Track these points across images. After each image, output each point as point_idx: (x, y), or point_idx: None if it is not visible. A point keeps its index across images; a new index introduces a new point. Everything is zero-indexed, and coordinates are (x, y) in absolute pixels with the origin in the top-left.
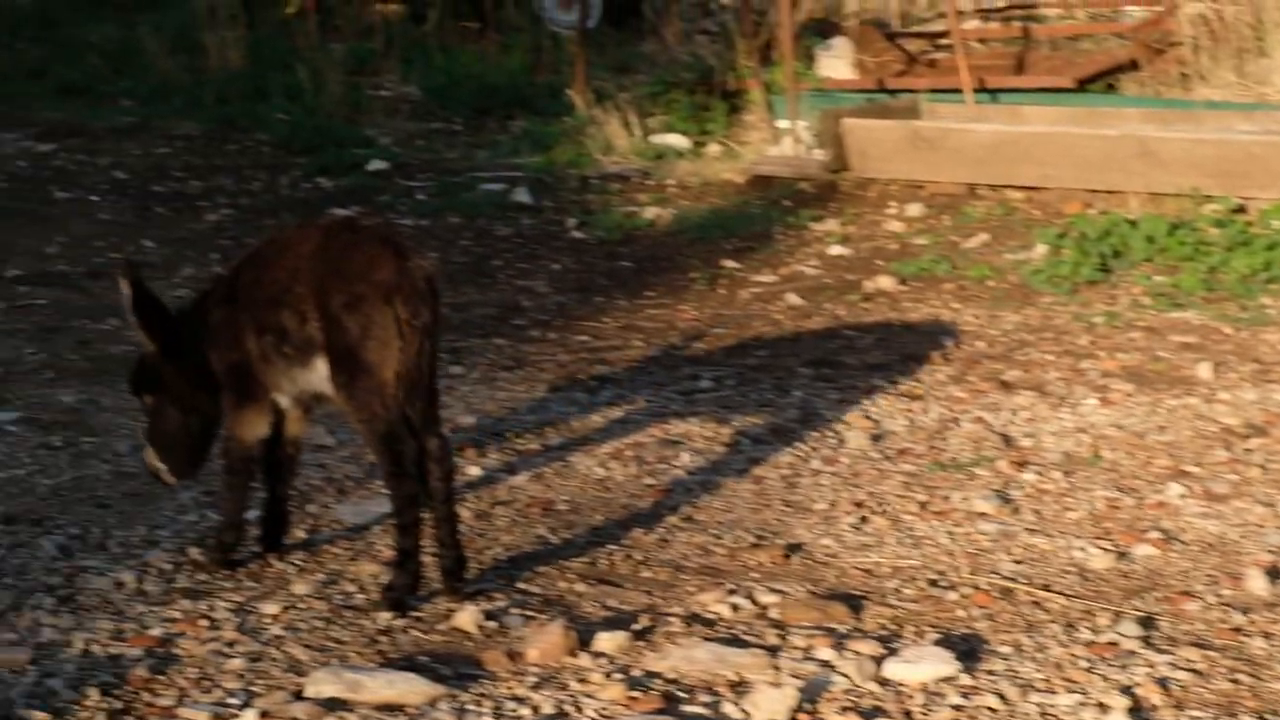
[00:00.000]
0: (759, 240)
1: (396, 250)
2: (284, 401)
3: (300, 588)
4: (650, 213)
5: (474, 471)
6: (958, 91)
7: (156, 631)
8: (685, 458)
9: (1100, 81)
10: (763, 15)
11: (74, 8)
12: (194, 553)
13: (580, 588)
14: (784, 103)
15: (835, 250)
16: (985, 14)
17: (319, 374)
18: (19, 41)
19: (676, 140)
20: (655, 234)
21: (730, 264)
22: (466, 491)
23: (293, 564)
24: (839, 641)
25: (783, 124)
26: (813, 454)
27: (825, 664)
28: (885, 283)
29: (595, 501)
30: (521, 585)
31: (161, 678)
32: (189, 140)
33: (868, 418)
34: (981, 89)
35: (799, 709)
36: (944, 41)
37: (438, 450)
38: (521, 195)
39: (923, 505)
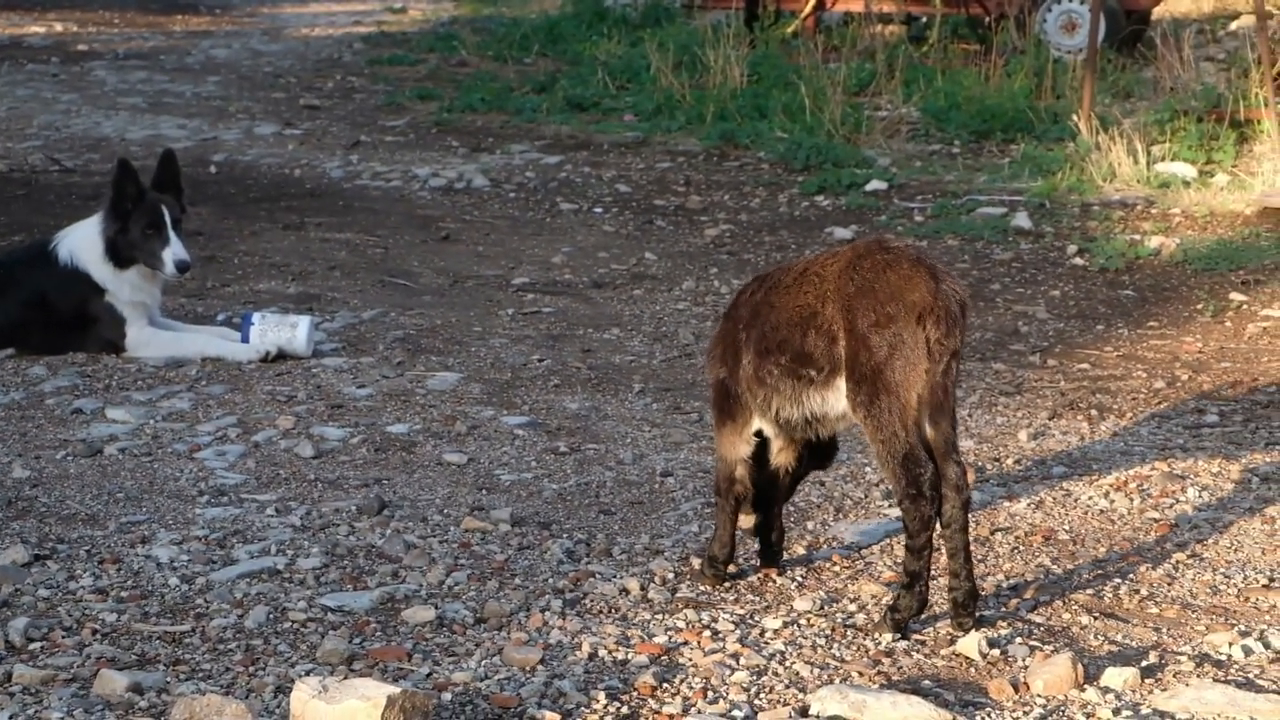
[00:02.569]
0: (1268, 273)
1: (930, 271)
2: (767, 429)
3: (801, 604)
4: (1154, 241)
5: (975, 496)
6: None
7: (661, 640)
8: (1191, 493)
9: None
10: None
11: (581, 24)
12: (694, 563)
13: (1085, 620)
14: None
15: None
16: None
17: (838, 394)
18: (527, 56)
19: (1181, 169)
20: (1159, 263)
21: (1237, 296)
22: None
23: (793, 579)
24: None
25: None
26: None
27: None
28: None
29: (1098, 533)
30: (1025, 615)
31: (667, 686)
32: (689, 156)
33: None
34: None
35: None
36: None
37: (957, 477)
38: (1021, 220)
39: None
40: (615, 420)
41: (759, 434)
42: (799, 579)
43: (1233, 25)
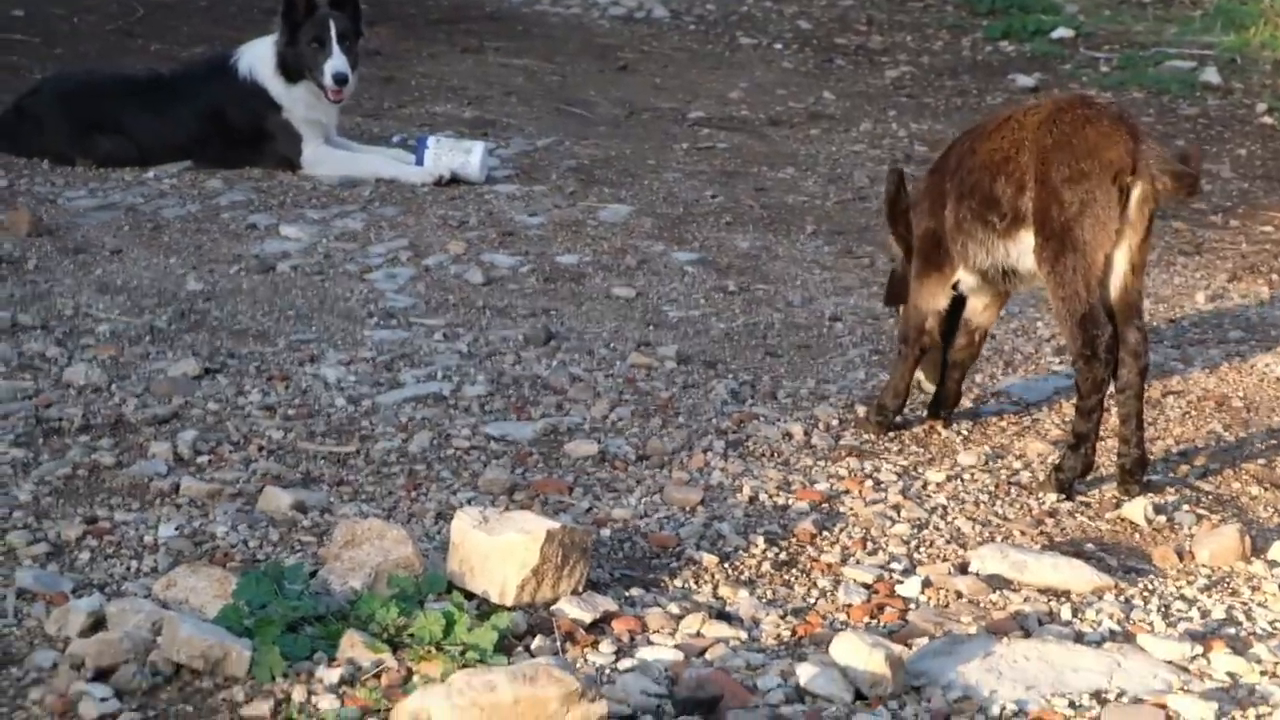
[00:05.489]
0: None
1: (1130, 130)
2: (970, 280)
3: (965, 459)
4: None
5: (1150, 359)
6: None
7: (822, 487)
8: None
9: None
10: None
11: None
12: (860, 411)
13: (1255, 491)
14: None
15: None
16: None
17: (1023, 246)
18: None
19: None
20: None
21: None
22: None
23: (958, 434)
24: None
25: None
26: None
27: None
28: None
29: (1273, 401)
30: (1194, 482)
31: (827, 534)
32: None
33: None
34: None
35: None
36: None
37: (1137, 342)
38: (1210, 75)
39: None
40: (786, 261)
41: (957, 287)
42: (965, 433)
43: None
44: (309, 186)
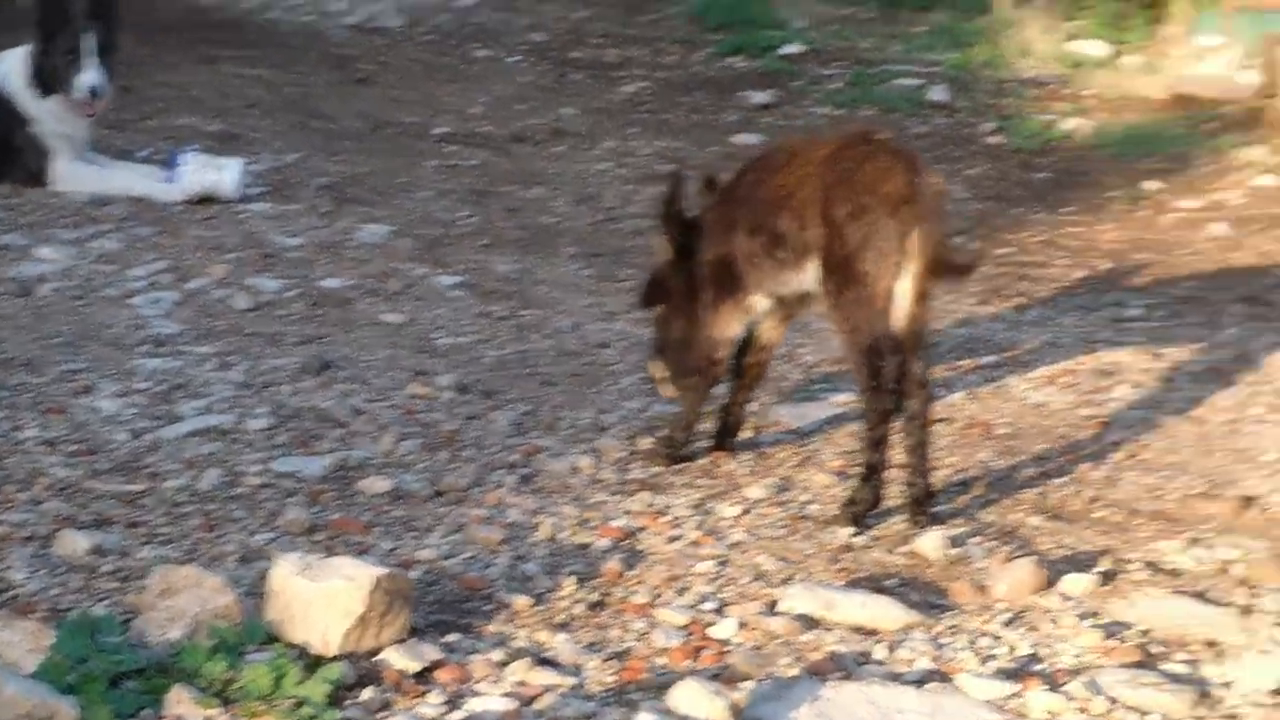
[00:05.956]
0: (1180, 162)
1: (910, 164)
2: (763, 303)
3: (754, 492)
4: (1069, 124)
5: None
6: None
7: (620, 523)
8: (1122, 390)
9: None
10: None
11: None
12: (643, 443)
13: (1034, 521)
14: (1209, 19)
15: (1262, 181)
16: None
17: (811, 275)
18: None
19: (1094, 48)
20: (1073, 146)
21: (1151, 185)
22: None
23: (743, 464)
24: None
25: (1203, 41)
26: (1253, 399)
27: None
28: None
29: (1035, 429)
30: (976, 513)
31: (632, 573)
32: (605, 6)
33: None
34: None
35: None
36: None
37: (923, 372)
38: (937, 93)
39: None
40: (548, 285)
41: (753, 313)
42: (749, 464)
43: None
44: (59, 204)
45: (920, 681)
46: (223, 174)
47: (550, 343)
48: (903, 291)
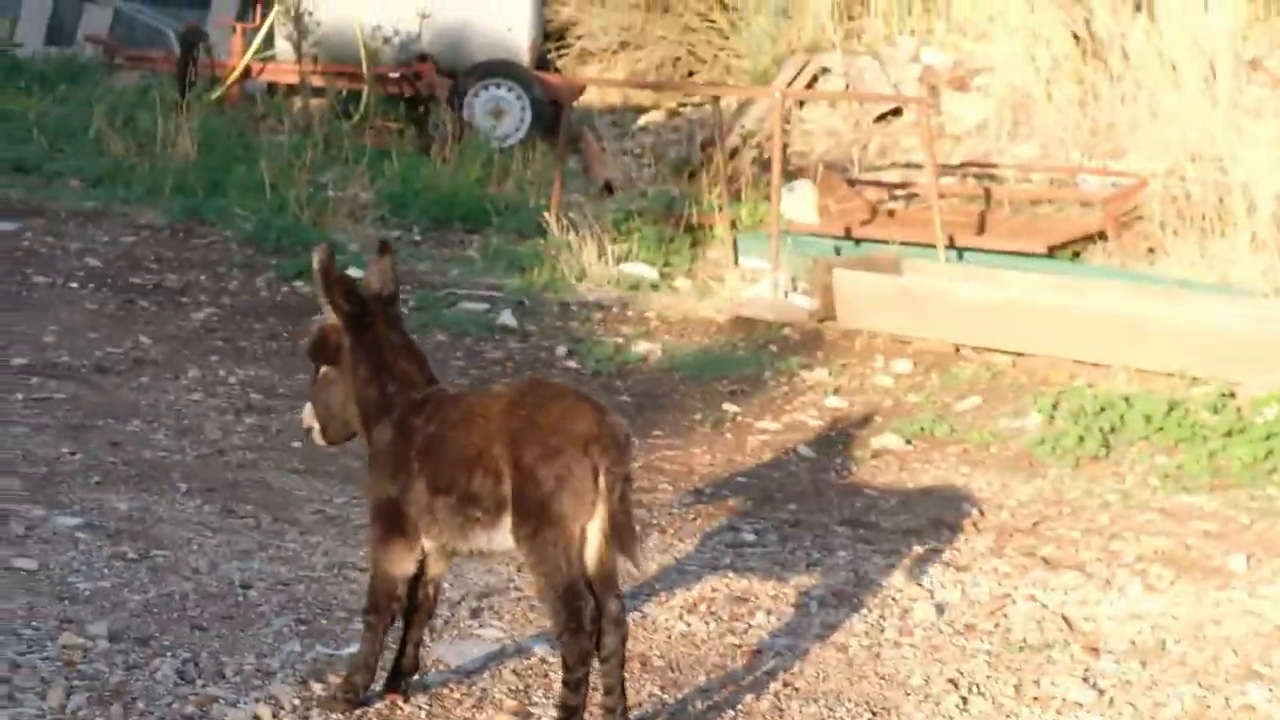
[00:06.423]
0: (752, 384)
1: (594, 404)
2: (429, 545)
3: None
4: (641, 347)
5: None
6: (926, 246)
7: None
8: (760, 617)
9: (1067, 249)
10: (706, 147)
11: None
12: (318, 689)
13: None
14: (750, 241)
15: (832, 402)
16: (943, 169)
17: (504, 530)
18: None
19: (644, 270)
20: (649, 370)
21: (730, 407)
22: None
23: (420, 708)
24: None
25: (748, 263)
26: (883, 623)
27: None
28: (890, 441)
29: (689, 659)
30: None
31: None
32: (154, 230)
33: (920, 586)
34: (950, 246)
35: None
36: (900, 192)
37: (618, 611)
38: (506, 317)
39: (1017, 689)
40: (171, 523)
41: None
42: (425, 707)
43: (642, 120)
44: None
45: None
46: None
47: (190, 584)
48: (594, 531)
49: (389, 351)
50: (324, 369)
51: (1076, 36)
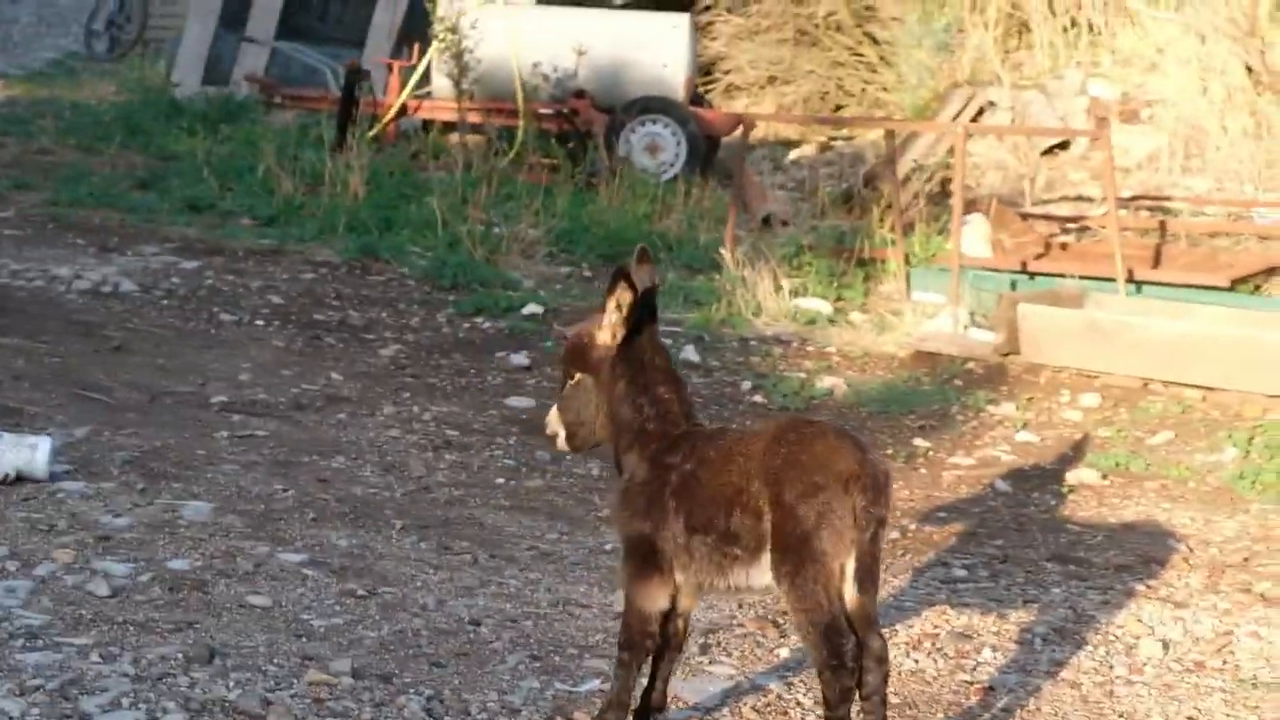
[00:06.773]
0: (940, 419)
1: (855, 442)
2: (681, 579)
3: None
4: (826, 382)
5: (783, 654)
6: (1101, 279)
7: None
8: (987, 654)
9: (1248, 282)
10: (870, 180)
11: (157, 115)
12: None
13: None
14: (924, 276)
15: (1022, 437)
16: (1117, 202)
17: (764, 568)
18: (108, 146)
19: (819, 305)
20: (836, 404)
21: (921, 442)
22: (784, 677)
23: None
24: None
25: (921, 297)
26: (1110, 660)
27: None
28: (1086, 475)
29: (924, 697)
30: None
31: None
32: (331, 268)
33: (1141, 622)
34: (1128, 280)
35: None
36: (1072, 226)
37: (879, 648)
38: (689, 353)
39: None
40: (392, 560)
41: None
42: None
43: (793, 154)
44: None
45: None
46: (35, 453)
47: (421, 621)
48: (852, 568)
49: (650, 372)
50: (578, 375)
51: (1250, 69)
